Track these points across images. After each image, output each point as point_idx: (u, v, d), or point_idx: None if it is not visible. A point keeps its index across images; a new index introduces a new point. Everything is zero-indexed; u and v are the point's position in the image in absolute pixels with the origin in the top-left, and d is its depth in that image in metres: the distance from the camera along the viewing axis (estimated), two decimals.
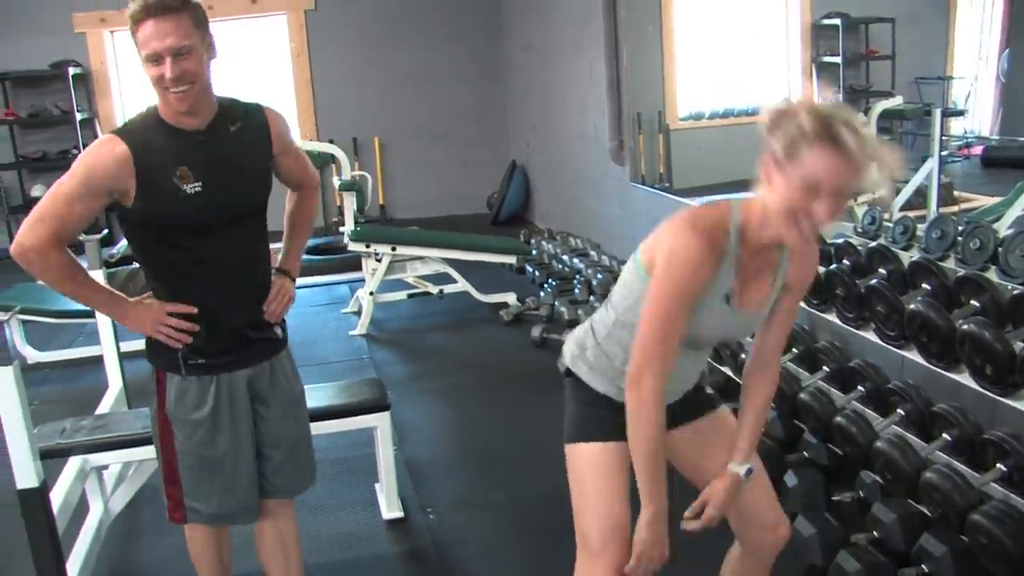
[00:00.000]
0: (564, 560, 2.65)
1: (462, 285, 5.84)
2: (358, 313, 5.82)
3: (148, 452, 3.02)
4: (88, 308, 3.89)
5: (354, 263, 6.24)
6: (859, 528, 2.87)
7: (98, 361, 4.03)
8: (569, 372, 2.01)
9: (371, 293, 5.65)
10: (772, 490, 2.07)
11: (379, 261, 5.62)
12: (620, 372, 1.86)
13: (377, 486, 3.43)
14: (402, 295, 5.94)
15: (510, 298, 5.92)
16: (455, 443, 4.06)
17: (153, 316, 2.11)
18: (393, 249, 5.62)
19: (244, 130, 2.13)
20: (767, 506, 2.04)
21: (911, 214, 4.23)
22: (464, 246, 5.88)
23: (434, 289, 5.91)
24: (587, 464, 1.90)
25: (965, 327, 2.42)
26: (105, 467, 3.21)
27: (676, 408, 1.94)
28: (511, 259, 6.12)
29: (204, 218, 2.06)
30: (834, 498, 3.09)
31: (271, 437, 2.31)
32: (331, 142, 8.42)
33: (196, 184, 2.01)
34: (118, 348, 3.96)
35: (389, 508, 3.34)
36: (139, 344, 5.23)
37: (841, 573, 2.62)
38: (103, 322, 3.87)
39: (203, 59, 1.98)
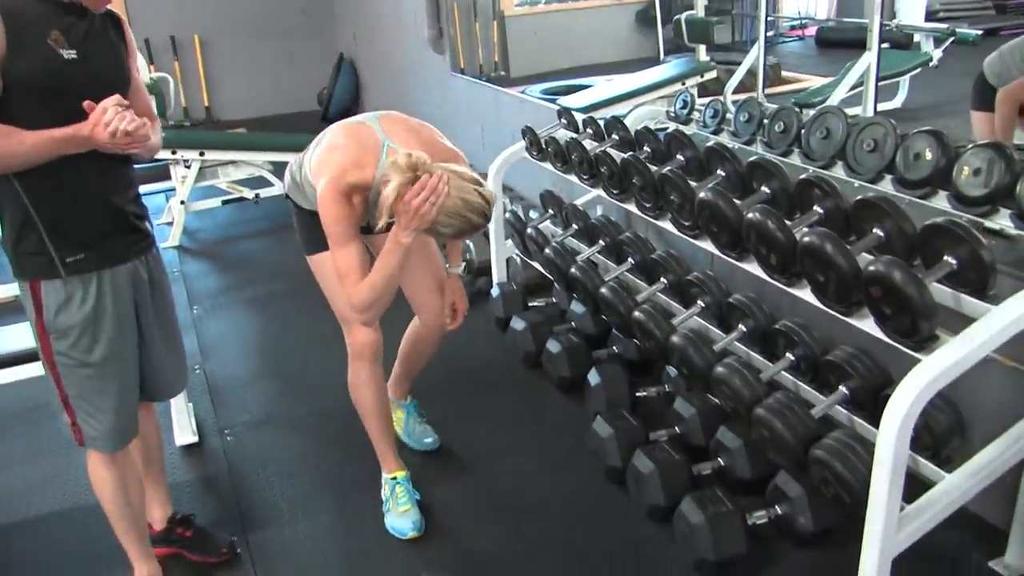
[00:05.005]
0: (360, 473, 2.86)
1: (279, 188, 5.50)
2: (172, 224, 5.43)
3: None
4: None
5: (165, 172, 5.78)
6: (664, 424, 2.80)
7: None
8: (288, 198, 2.63)
9: (182, 202, 5.29)
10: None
11: (188, 168, 5.23)
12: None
13: (173, 411, 3.19)
14: (216, 202, 5.56)
15: None
16: (258, 358, 3.85)
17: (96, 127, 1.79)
18: (201, 154, 5.23)
19: (105, 17, 2.00)
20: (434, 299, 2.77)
21: (743, 96, 4.12)
22: (276, 147, 5.48)
23: (250, 194, 5.55)
24: (328, 265, 2.40)
25: (749, 216, 2.29)
26: None
27: None
28: None
29: (86, 87, 1.83)
30: (639, 394, 3.01)
31: (154, 332, 2.17)
32: (147, 41, 7.81)
33: (71, 51, 1.85)
34: None
35: (182, 433, 3.15)
36: None
37: (636, 473, 2.55)
38: None
39: None
